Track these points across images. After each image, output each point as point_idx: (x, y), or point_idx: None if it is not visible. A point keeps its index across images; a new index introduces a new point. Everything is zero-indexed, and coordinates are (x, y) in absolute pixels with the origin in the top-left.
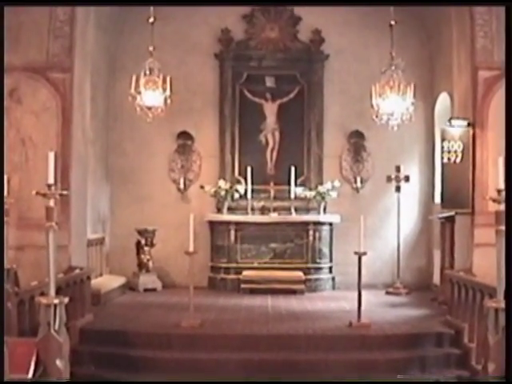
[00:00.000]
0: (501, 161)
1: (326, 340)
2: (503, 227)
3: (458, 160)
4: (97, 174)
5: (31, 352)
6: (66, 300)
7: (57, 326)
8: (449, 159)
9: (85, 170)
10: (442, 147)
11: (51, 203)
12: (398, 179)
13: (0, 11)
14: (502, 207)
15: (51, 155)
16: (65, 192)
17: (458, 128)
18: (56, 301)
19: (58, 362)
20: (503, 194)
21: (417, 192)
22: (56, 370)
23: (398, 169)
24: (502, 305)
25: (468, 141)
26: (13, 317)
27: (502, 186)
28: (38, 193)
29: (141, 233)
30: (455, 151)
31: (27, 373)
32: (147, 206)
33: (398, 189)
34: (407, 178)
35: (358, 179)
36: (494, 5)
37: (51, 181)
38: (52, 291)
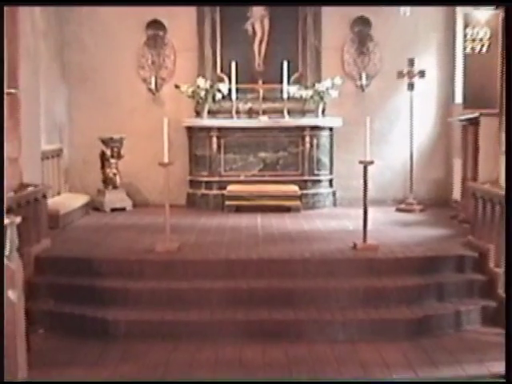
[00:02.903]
0: None
1: (326, 265)
2: None
3: (484, 50)
4: (51, 73)
5: None
6: (18, 220)
7: (7, 252)
8: (473, 49)
9: (36, 68)
10: (465, 35)
11: None
12: (410, 75)
13: (0, 11)
14: None
15: None
16: (13, 90)
17: (485, 12)
18: (6, 221)
19: (10, 294)
20: None
21: (434, 90)
22: (8, 303)
23: (411, 62)
24: None
25: (496, 26)
26: None
27: None
28: None
29: (105, 142)
30: (481, 39)
31: None
32: (113, 111)
33: (410, 86)
34: (422, 74)
35: (363, 75)
36: (493, 5)
37: None
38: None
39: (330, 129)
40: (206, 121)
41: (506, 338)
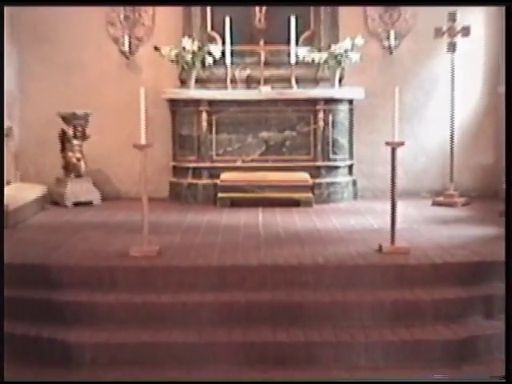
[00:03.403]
0: None
1: (345, 273)
2: None
3: None
4: None
5: None
6: None
7: None
8: None
9: None
10: None
11: None
12: (451, 33)
13: (0, 11)
14: None
15: None
16: None
17: None
18: None
19: None
20: None
21: (480, 51)
22: None
23: (452, 17)
24: None
25: None
26: None
27: None
28: None
29: (67, 119)
30: None
31: None
32: (76, 79)
33: (451, 47)
34: (466, 31)
35: (392, 34)
36: (493, 5)
37: None
38: None
39: (350, 102)
40: (194, 92)
41: (506, 338)
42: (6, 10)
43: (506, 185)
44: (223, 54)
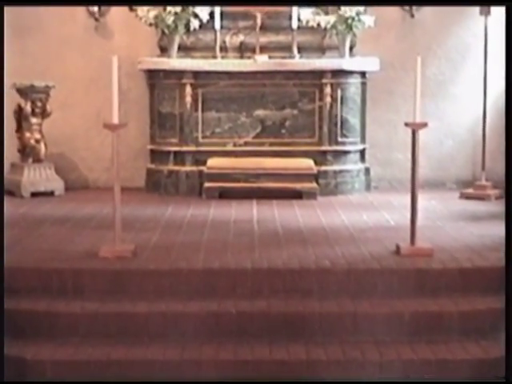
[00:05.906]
0: None
1: (355, 278)
2: None
3: None
4: None
5: None
6: None
7: None
8: None
9: None
10: None
11: None
12: None
13: (0, 11)
14: None
15: None
16: None
17: None
18: None
19: None
20: None
21: None
22: None
23: None
24: None
25: None
26: None
27: None
28: None
29: (23, 92)
30: None
31: None
32: (34, 44)
33: (485, 9)
34: None
35: None
36: (493, 5)
37: None
38: None
39: (362, 74)
40: (176, 61)
41: (506, 337)
42: None
43: (506, 185)
44: (211, 16)
